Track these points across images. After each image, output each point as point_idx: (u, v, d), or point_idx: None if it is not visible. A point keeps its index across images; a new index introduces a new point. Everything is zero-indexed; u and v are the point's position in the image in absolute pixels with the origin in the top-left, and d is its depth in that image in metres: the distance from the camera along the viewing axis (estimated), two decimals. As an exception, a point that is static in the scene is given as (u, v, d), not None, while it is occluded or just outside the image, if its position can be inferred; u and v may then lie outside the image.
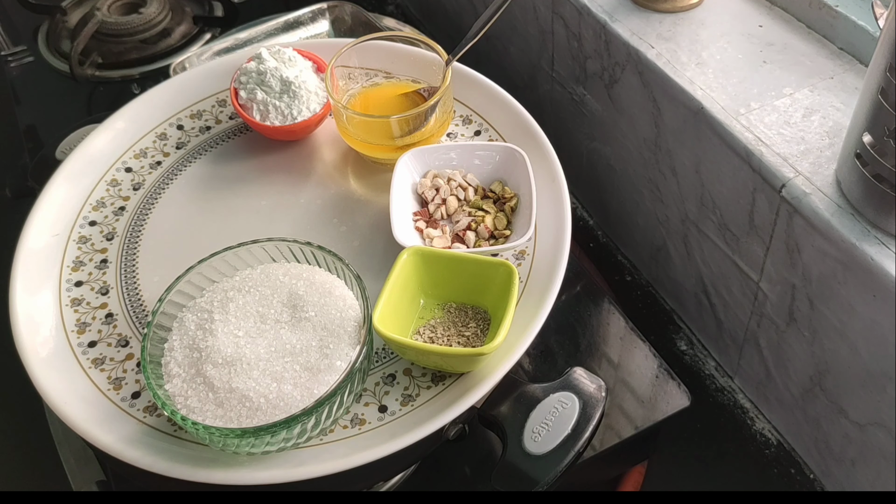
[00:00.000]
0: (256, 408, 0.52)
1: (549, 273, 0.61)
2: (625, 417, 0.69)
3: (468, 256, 0.60)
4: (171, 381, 0.54)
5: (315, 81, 0.72)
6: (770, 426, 0.76)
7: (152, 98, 0.77)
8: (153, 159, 0.72)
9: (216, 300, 0.57)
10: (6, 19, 1.20)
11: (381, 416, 0.56)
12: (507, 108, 0.73)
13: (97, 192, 0.71)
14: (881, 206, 0.56)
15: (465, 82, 0.74)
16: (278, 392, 0.52)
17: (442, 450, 0.57)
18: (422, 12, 1.22)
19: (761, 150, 0.64)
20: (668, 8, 0.76)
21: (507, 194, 0.66)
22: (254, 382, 0.52)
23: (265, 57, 0.71)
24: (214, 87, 0.77)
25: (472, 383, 0.56)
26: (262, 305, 0.56)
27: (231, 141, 0.74)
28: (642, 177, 0.81)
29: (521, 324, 0.58)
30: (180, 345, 0.55)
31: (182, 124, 0.75)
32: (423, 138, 0.67)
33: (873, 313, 0.59)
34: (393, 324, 0.56)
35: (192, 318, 0.56)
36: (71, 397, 0.57)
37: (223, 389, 0.52)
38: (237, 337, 0.55)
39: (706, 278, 0.77)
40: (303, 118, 0.70)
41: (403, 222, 0.64)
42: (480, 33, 0.68)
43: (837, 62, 0.70)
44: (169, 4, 1.13)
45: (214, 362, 0.53)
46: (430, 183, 0.66)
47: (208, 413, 0.52)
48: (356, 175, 0.71)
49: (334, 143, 0.73)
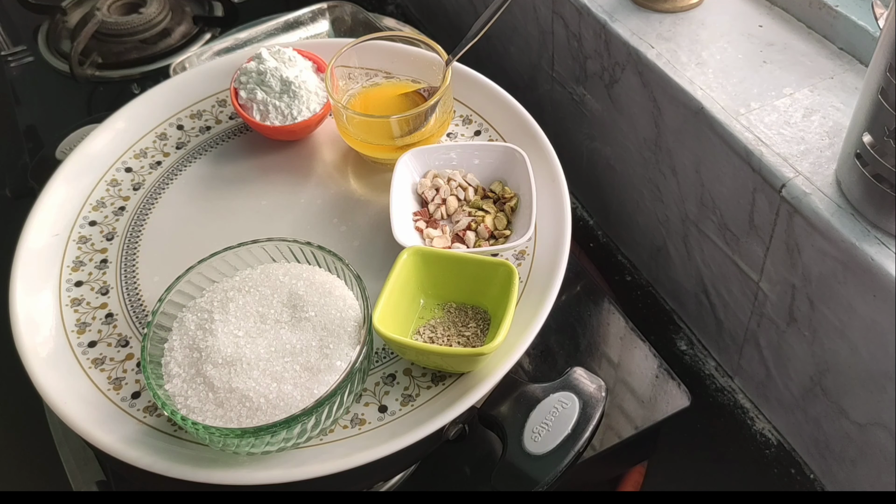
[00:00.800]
0: (256, 408, 0.52)
1: (549, 273, 0.61)
2: (625, 417, 0.69)
3: (468, 256, 0.60)
4: (171, 381, 0.54)
5: (315, 81, 0.72)
6: (770, 426, 0.76)
7: (152, 98, 0.77)
8: (153, 159, 0.73)
9: (216, 300, 0.57)
10: (6, 19, 1.20)
11: (381, 416, 0.56)
12: (507, 108, 0.73)
13: (97, 192, 0.71)
14: (881, 206, 0.56)
15: (465, 82, 0.74)
16: (278, 392, 0.52)
17: (442, 450, 0.57)
18: (422, 12, 1.22)
19: (761, 150, 0.64)
20: (668, 8, 0.77)
21: (507, 194, 0.66)
22: (254, 382, 0.52)
23: (265, 57, 0.71)
24: (214, 87, 0.77)
25: (472, 383, 0.56)
26: (262, 305, 0.56)
27: (231, 141, 0.74)
28: (642, 177, 0.81)
29: (521, 324, 0.58)
30: (180, 345, 0.55)
31: (182, 124, 0.75)
32: (423, 138, 0.67)
33: (873, 313, 0.59)
34: (393, 324, 0.56)
35: (192, 318, 0.56)
36: (71, 397, 0.57)
37: (223, 389, 0.52)
38: (237, 337, 0.55)
39: (706, 278, 0.77)
40: (303, 118, 0.70)
41: (403, 222, 0.64)
42: (480, 33, 0.68)
43: (837, 62, 0.70)
44: (169, 4, 1.13)
45: (214, 362, 0.53)
46: (430, 183, 0.66)
47: (208, 413, 0.52)
48: (356, 175, 0.71)
49: (334, 143, 0.73)
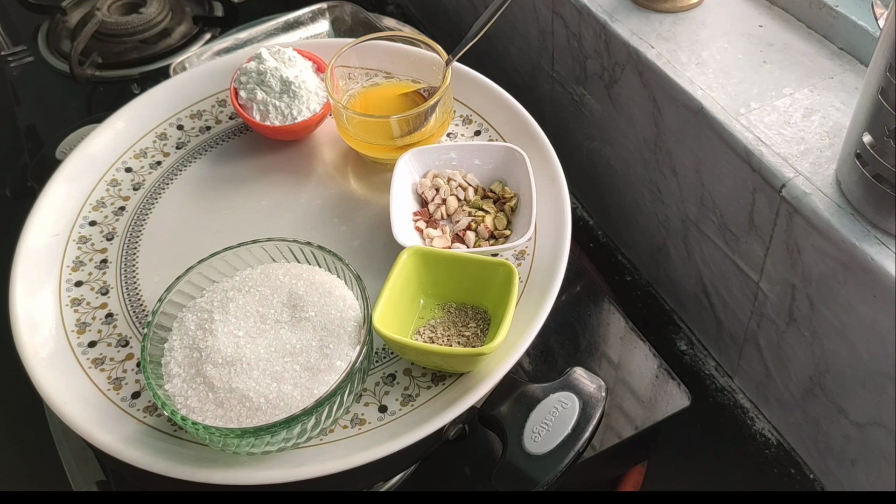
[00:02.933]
0: (256, 408, 0.52)
1: (549, 273, 0.61)
2: (625, 417, 0.69)
3: (468, 256, 0.60)
4: (171, 381, 0.54)
5: (315, 81, 0.72)
6: (770, 426, 0.76)
7: (152, 98, 0.77)
8: (153, 159, 0.72)
9: (216, 300, 0.57)
10: (6, 19, 1.20)
11: (382, 416, 0.56)
12: (507, 108, 0.73)
13: (97, 192, 0.71)
14: (881, 206, 0.56)
15: (465, 82, 0.74)
16: (278, 392, 0.52)
17: (442, 450, 0.57)
18: (422, 12, 1.22)
19: (761, 150, 0.64)
20: (668, 8, 0.77)
21: (507, 194, 0.66)
22: (254, 382, 0.52)
23: (265, 57, 0.71)
24: (214, 88, 0.77)
25: (472, 383, 0.56)
26: (262, 305, 0.56)
27: (231, 141, 0.74)
28: (642, 177, 0.81)
29: (521, 324, 0.58)
30: (180, 345, 0.55)
31: (182, 124, 0.75)
32: (423, 138, 0.67)
33: (873, 313, 0.59)
34: (393, 324, 0.56)
35: (192, 318, 0.56)
36: (71, 397, 0.57)
37: (223, 389, 0.52)
38: (237, 337, 0.55)
39: (706, 278, 0.77)
40: (303, 118, 0.70)
41: (403, 222, 0.64)
42: (480, 33, 0.68)
43: (837, 62, 0.70)
44: (169, 4, 1.13)
45: (214, 362, 0.53)
46: (430, 183, 0.66)
47: (208, 413, 0.52)
48: (356, 175, 0.71)
49: (334, 143, 0.73)
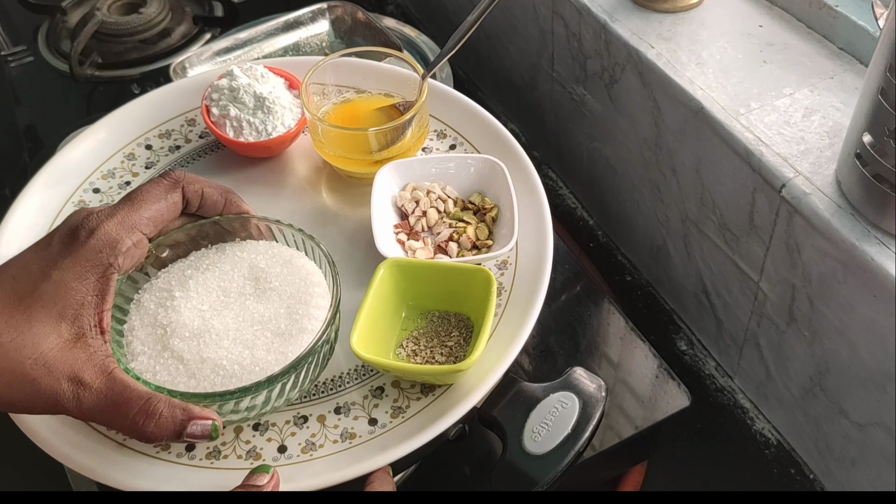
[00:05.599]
0: (231, 374, 0.51)
1: (533, 282, 0.60)
2: (625, 417, 0.69)
3: (445, 264, 0.59)
4: (137, 360, 0.53)
5: (288, 98, 0.71)
6: (770, 426, 0.76)
7: (120, 118, 0.74)
8: (122, 179, 0.70)
9: (174, 279, 0.56)
10: (6, 19, 1.20)
11: (372, 429, 0.55)
12: (481, 121, 0.71)
13: (65, 212, 0.67)
14: (881, 206, 0.57)
15: (438, 98, 0.72)
16: (251, 358, 0.52)
17: (442, 450, 0.57)
18: (422, 12, 1.22)
19: (761, 150, 0.64)
20: (668, 8, 0.77)
21: (488, 205, 0.65)
22: (225, 351, 0.52)
23: (237, 74, 0.70)
24: (183, 107, 0.75)
25: (461, 395, 0.54)
26: (224, 280, 0.56)
27: (201, 159, 0.72)
28: (642, 177, 0.81)
29: (507, 334, 0.57)
30: (141, 324, 0.54)
31: (150, 144, 0.73)
32: (399, 152, 0.67)
33: (873, 313, 0.59)
34: (373, 342, 0.55)
35: (151, 297, 0.55)
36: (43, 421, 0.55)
37: (194, 360, 0.52)
38: (202, 311, 0.54)
39: (706, 278, 0.77)
40: (277, 134, 0.69)
41: (385, 235, 0.63)
42: (456, 48, 0.67)
43: (837, 62, 0.70)
44: (169, 4, 1.13)
45: (181, 336, 0.53)
46: (409, 195, 0.66)
47: (181, 385, 0.51)
48: (331, 190, 0.70)
49: (308, 158, 0.71)
